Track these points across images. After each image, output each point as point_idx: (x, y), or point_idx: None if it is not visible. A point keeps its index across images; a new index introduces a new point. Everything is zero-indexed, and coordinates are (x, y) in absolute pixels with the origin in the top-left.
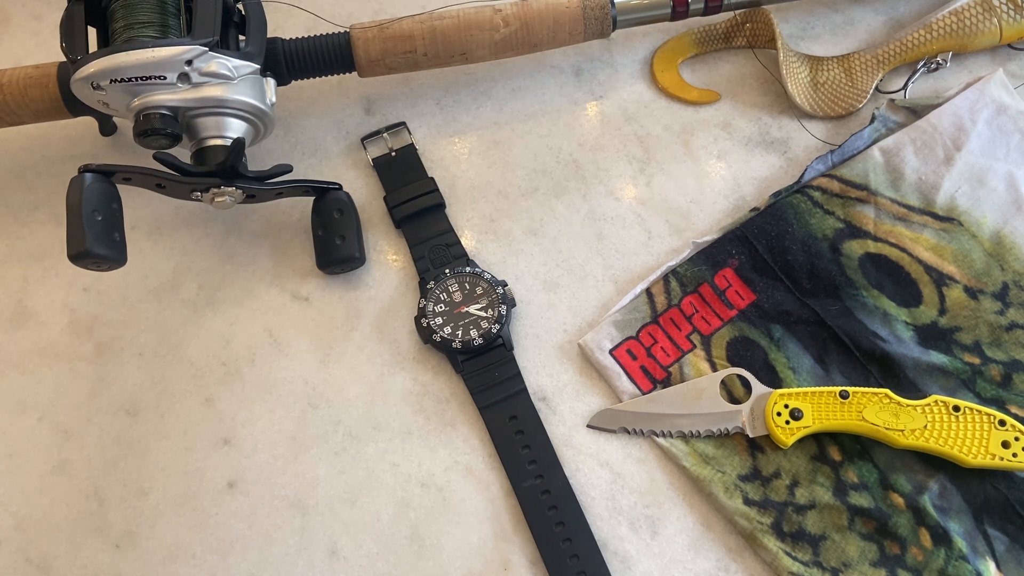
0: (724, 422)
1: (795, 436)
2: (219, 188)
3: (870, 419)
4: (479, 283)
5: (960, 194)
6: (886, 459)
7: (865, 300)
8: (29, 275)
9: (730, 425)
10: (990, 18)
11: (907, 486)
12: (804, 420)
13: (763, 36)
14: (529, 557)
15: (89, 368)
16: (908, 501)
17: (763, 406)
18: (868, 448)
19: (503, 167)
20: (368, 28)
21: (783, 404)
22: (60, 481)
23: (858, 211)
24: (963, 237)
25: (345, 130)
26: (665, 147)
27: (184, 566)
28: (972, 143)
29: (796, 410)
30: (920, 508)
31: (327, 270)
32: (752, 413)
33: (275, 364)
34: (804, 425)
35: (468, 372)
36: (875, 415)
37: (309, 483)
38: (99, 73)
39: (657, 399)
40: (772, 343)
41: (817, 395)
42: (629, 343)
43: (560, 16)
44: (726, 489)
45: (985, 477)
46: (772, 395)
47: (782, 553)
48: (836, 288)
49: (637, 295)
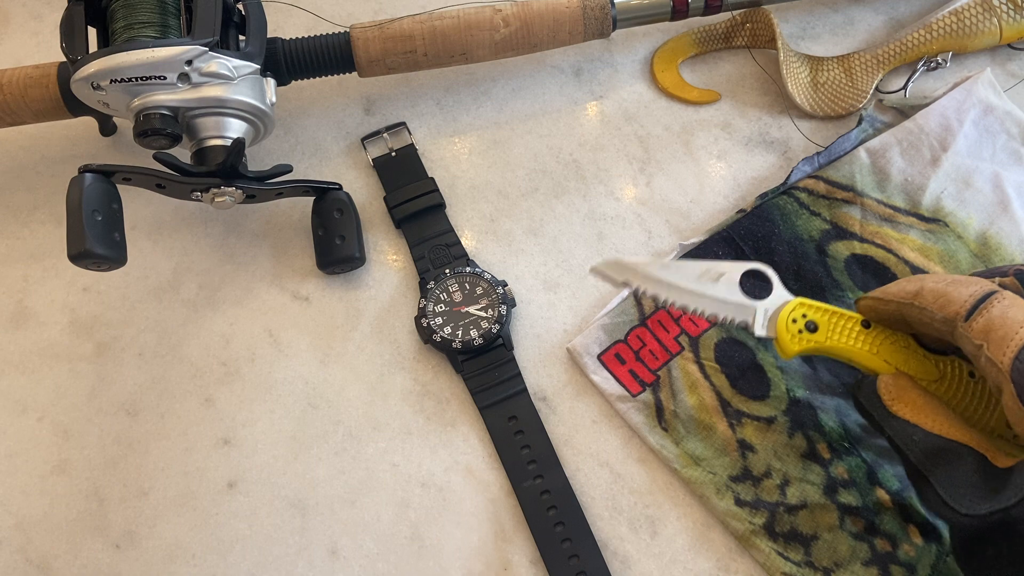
0: (734, 312)
1: (802, 347)
2: (219, 188)
3: (884, 356)
4: (479, 283)
5: (946, 195)
6: (875, 451)
7: (851, 301)
8: (29, 275)
9: (738, 317)
10: (990, 18)
11: (894, 482)
12: (817, 335)
13: (763, 36)
14: (529, 557)
15: (89, 368)
16: (895, 498)
17: (780, 309)
18: (857, 442)
19: (503, 167)
20: (368, 28)
21: (801, 313)
22: (60, 481)
23: (844, 212)
24: (949, 238)
25: (345, 130)
26: (665, 147)
27: (184, 566)
28: (959, 144)
29: (812, 323)
30: (907, 504)
31: (327, 270)
32: (767, 313)
33: (275, 364)
34: (816, 340)
35: (468, 372)
36: (891, 354)
37: (309, 483)
38: (99, 73)
39: (674, 268)
40: (759, 343)
41: (840, 316)
42: (618, 347)
43: (560, 16)
44: (717, 490)
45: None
46: (793, 301)
47: (774, 554)
48: (822, 289)
49: (624, 298)
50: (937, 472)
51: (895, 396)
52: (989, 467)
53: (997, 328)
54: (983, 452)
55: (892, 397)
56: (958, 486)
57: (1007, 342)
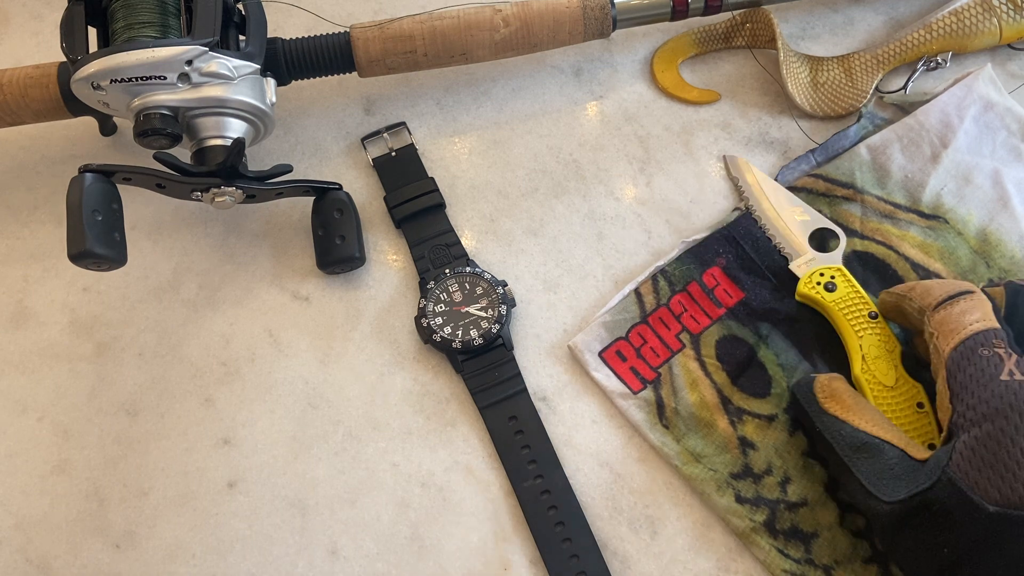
0: (788, 245)
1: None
2: (219, 188)
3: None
4: (479, 283)
5: (946, 192)
6: None
7: None
8: (29, 275)
9: (788, 249)
10: (990, 18)
11: None
12: (830, 295)
13: (763, 36)
14: (529, 557)
15: (89, 368)
16: None
17: (821, 264)
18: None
19: (503, 167)
20: (368, 28)
21: (831, 276)
22: (60, 481)
23: (844, 209)
24: (949, 234)
25: (345, 130)
26: (665, 147)
27: (184, 566)
28: (959, 140)
29: (833, 285)
30: None
31: (327, 270)
32: (811, 262)
33: (275, 364)
34: (824, 296)
35: (468, 372)
36: (869, 344)
37: (309, 483)
38: (99, 73)
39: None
40: (760, 340)
41: (859, 295)
42: (619, 344)
43: (560, 16)
44: (718, 487)
45: None
46: (834, 266)
47: (775, 551)
48: None
49: (626, 295)
50: (861, 464)
51: (828, 395)
52: (908, 460)
53: (951, 322)
54: (902, 448)
55: (825, 395)
56: (881, 476)
57: (954, 335)
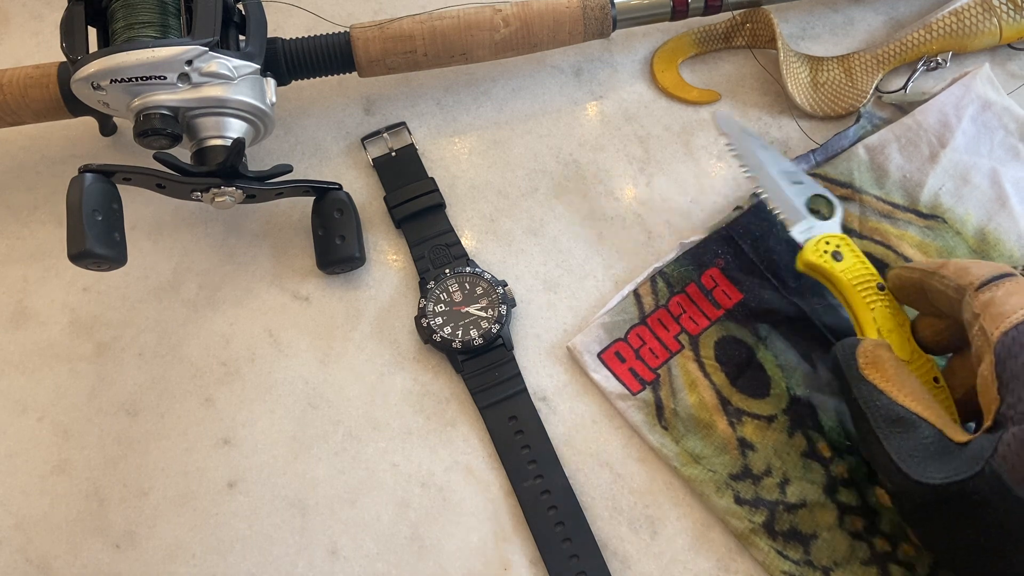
0: (787, 210)
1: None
2: (219, 188)
3: (876, 314)
4: (479, 283)
5: (944, 191)
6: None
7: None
8: (29, 275)
9: (787, 215)
10: (990, 18)
11: None
12: (837, 264)
13: (763, 36)
14: (529, 557)
15: (89, 368)
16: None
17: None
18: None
19: (503, 167)
20: (368, 28)
21: (836, 245)
22: (60, 481)
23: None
24: (947, 234)
25: (345, 130)
26: (665, 147)
27: (184, 566)
28: (957, 140)
29: (839, 254)
30: None
31: (327, 270)
32: (812, 229)
33: (275, 364)
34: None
35: (468, 372)
36: (882, 317)
37: (309, 483)
38: (99, 73)
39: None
40: (759, 341)
41: (865, 267)
42: (618, 345)
43: (560, 16)
44: (717, 488)
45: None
46: (837, 235)
47: (774, 552)
48: (821, 286)
49: (625, 296)
50: (893, 438)
51: (869, 361)
52: (945, 441)
53: (998, 304)
54: (940, 428)
55: (867, 361)
56: (912, 454)
57: (1002, 319)
